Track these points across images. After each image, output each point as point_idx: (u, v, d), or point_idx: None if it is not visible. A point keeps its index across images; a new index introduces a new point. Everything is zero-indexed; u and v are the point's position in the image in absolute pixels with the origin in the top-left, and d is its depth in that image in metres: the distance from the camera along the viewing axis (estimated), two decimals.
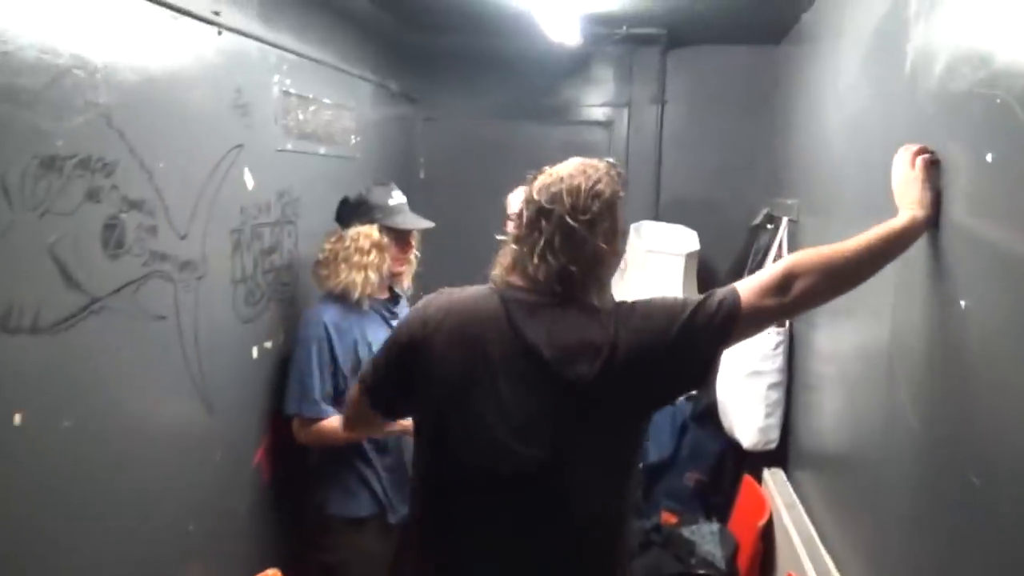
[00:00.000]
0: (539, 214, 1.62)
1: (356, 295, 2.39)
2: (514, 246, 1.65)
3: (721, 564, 2.86)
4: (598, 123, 4.01)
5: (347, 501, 2.42)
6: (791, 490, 2.83)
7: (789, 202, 3.15)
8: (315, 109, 2.77)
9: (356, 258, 2.41)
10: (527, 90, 4.04)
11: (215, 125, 2.16)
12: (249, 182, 2.34)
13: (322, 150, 2.85)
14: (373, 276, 2.41)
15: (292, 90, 2.62)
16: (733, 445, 3.21)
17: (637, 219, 3.78)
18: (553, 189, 1.60)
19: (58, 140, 1.60)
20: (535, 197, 1.65)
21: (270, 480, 2.53)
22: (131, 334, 1.84)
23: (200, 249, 2.10)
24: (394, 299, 2.55)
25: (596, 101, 4.04)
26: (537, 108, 4.06)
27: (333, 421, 2.35)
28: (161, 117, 1.92)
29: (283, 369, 2.49)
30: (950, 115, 1.66)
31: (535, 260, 1.60)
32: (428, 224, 2.50)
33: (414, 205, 2.61)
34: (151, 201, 1.88)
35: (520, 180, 1.77)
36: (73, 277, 1.65)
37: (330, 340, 2.38)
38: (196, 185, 2.08)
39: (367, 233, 2.43)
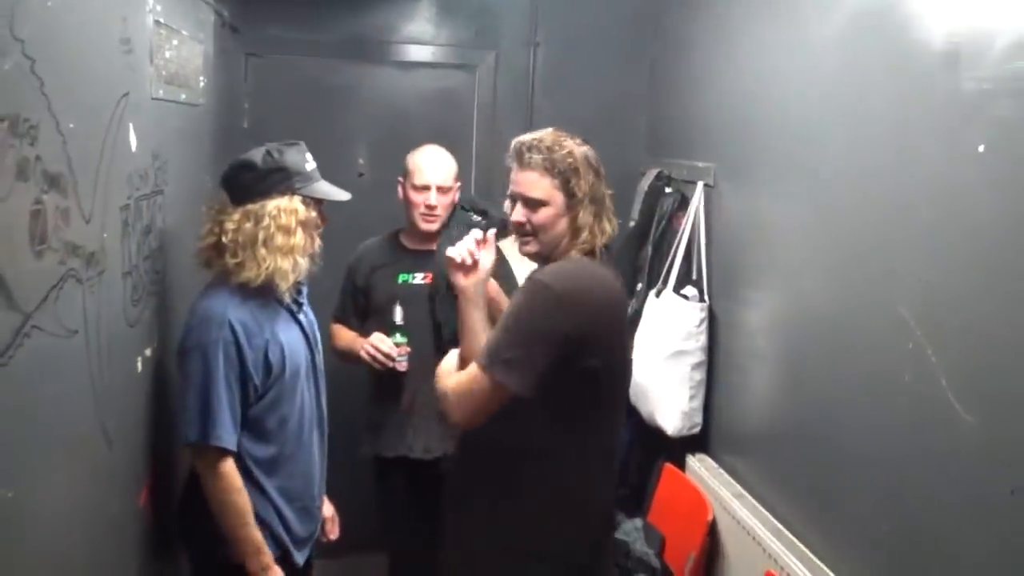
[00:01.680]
0: (598, 178, 2.11)
1: (284, 288, 2.20)
2: (580, 212, 2.12)
3: (656, 563, 2.94)
4: (460, 66, 3.88)
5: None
6: (730, 479, 2.93)
7: (700, 165, 3.22)
8: (178, 44, 2.46)
9: (280, 240, 2.18)
10: (374, 26, 3.83)
11: (105, 67, 1.85)
12: (133, 142, 2.04)
13: (183, 96, 2.55)
14: (302, 261, 2.22)
15: (162, 19, 2.30)
16: (640, 432, 3.27)
17: (508, 180, 3.61)
18: (591, 154, 2.12)
19: None
20: (593, 163, 2.13)
21: (156, 524, 2.32)
22: (54, 359, 1.56)
23: (99, 235, 1.80)
24: (297, 287, 2.37)
25: (458, 41, 3.88)
26: (386, 48, 3.85)
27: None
28: (72, 57, 1.61)
29: (167, 384, 2.28)
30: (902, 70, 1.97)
31: (605, 224, 2.16)
32: (345, 194, 2.35)
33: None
34: (65, 176, 1.58)
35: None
36: (8, 288, 1.34)
37: (238, 345, 2.17)
38: (95, 149, 1.78)
39: (290, 208, 2.21)
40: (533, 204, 2.09)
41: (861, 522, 2.17)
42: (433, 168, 3.00)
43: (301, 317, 2.33)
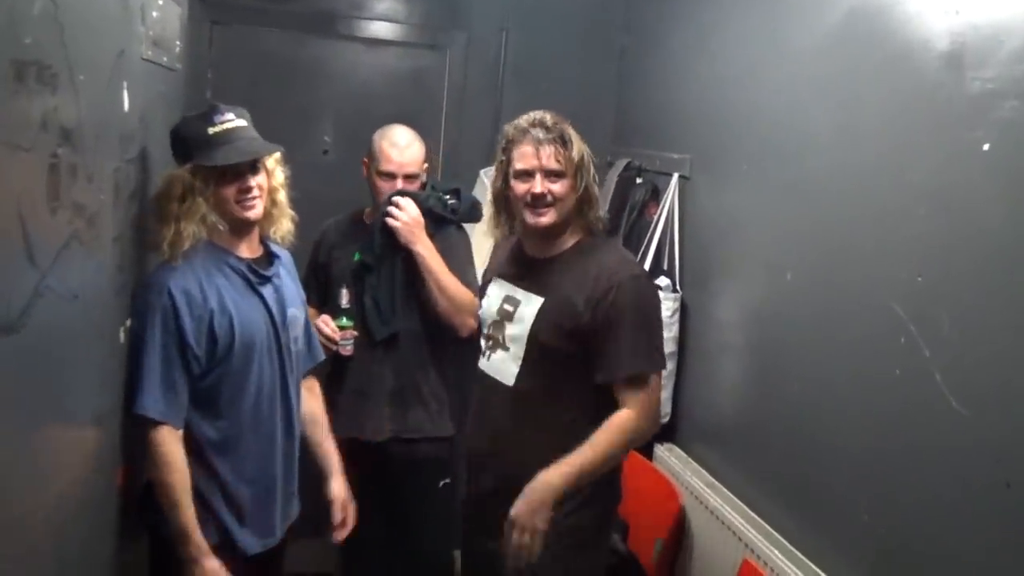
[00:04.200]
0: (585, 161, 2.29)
1: (165, 251, 2.18)
2: (587, 182, 2.34)
3: (623, 548, 2.97)
4: (430, 47, 3.84)
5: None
6: (700, 468, 2.94)
7: (675, 157, 3.23)
8: (163, 5, 2.38)
9: (167, 208, 2.18)
10: (343, 1, 3.81)
11: (107, 23, 1.80)
12: (125, 102, 1.97)
13: (165, 59, 2.49)
14: (192, 228, 2.18)
15: None
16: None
17: (476, 163, 3.74)
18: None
19: (26, 37, 1.22)
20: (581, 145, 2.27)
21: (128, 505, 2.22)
22: (61, 324, 1.51)
23: (98, 196, 1.74)
24: (268, 257, 2.34)
25: (429, 21, 3.85)
26: (355, 24, 3.79)
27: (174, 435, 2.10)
28: (84, 7, 1.57)
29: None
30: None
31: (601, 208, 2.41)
32: (254, 153, 2.27)
33: None
34: (76, 131, 1.52)
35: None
36: (30, 243, 1.29)
37: (177, 313, 2.12)
38: (98, 106, 1.71)
39: (178, 176, 2.20)
40: (554, 176, 2.23)
41: (846, 515, 2.19)
42: (400, 155, 2.91)
43: (264, 289, 2.27)
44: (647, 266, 3.14)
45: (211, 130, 2.18)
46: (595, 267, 2.23)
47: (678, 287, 3.12)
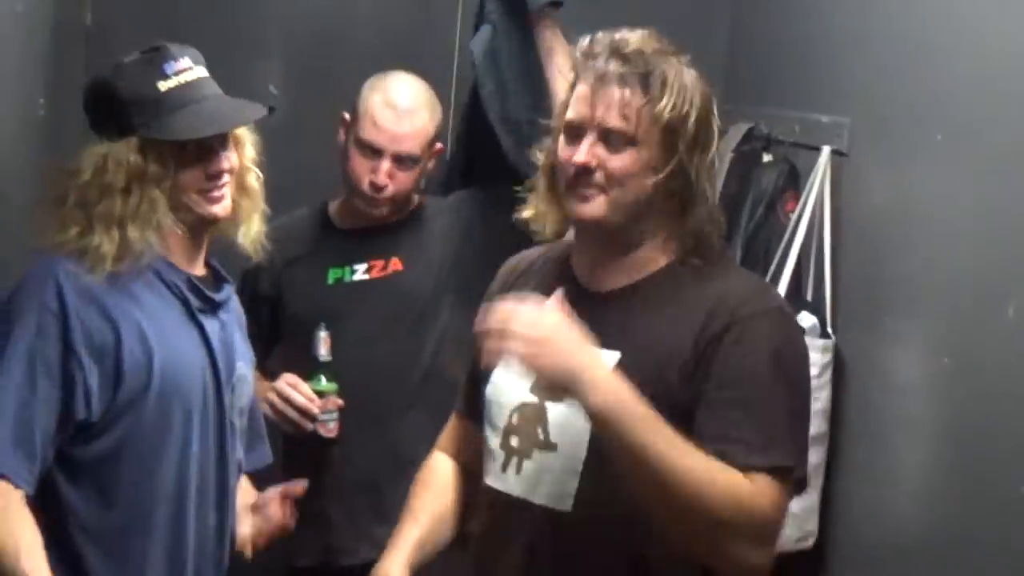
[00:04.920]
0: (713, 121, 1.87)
1: (103, 270, 1.85)
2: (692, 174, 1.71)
3: None
4: None
5: None
6: None
7: (825, 120, 2.79)
8: None
9: (101, 204, 1.85)
10: None
11: None
12: None
13: None
14: (145, 234, 1.85)
15: None
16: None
17: None
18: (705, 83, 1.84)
19: None
20: (709, 97, 1.81)
21: None
22: None
23: None
24: (216, 277, 2.08)
25: None
26: None
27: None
28: None
29: None
30: None
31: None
32: (246, 117, 2.00)
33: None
34: None
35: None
36: None
37: (64, 317, 1.80)
38: None
39: (117, 156, 1.87)
40: (613, 139, 1.73)
41: None
42: (397, 121, 2.48)
43: (208, 321, 2.00)
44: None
45: (163, 84, 1.91)
46: (705, 297, 1.78)
47: (829, 329, 2.66)
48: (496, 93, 2.67)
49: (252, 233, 2.11)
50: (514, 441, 1.93)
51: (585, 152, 1.77)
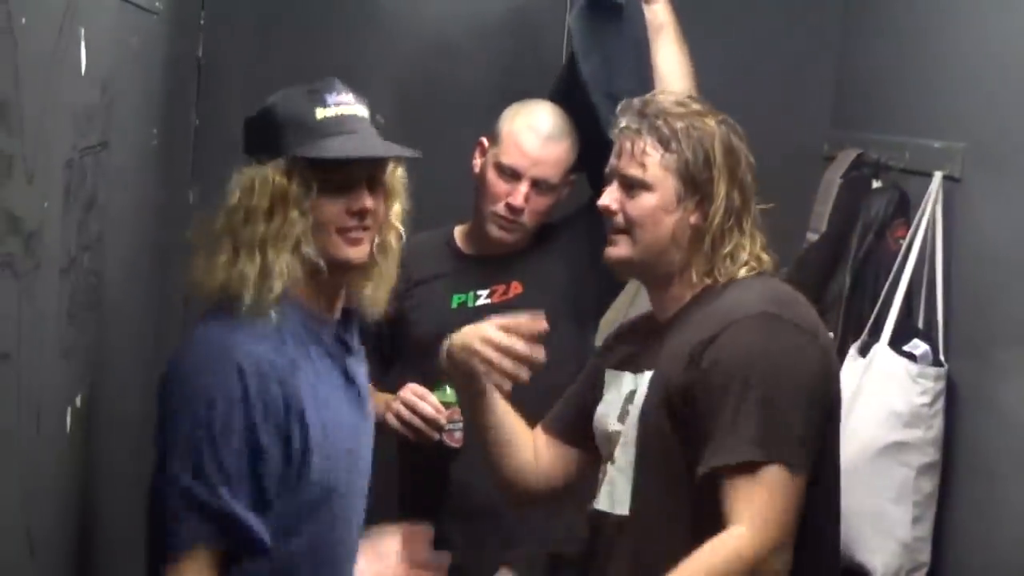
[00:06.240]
0: (739, 168, 1.94)
1: (248, 302, 1.73)
2: (710, 216, 1.87)
3: None
4: None
5: None
6: None
7: (937, 146, 2.76)
8: None
9: (245, 231, 1.77)
10: None
11: None
12: (83, 60, 1.72)
13: None
14: (285, 260, 1.75)
15: None
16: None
17: None
18: (734, 137, 1.94)
19: None
20: (736, 147, 1.93)
21: None
22: None
23: (41, 203, 1.51)
24: (346, 320, 1.97)
25: None
26: None
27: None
28: None
29: (101, 454, 1.98)
30: None
31: (747, 242, 1.94)
32: (394, 151, 1.89)
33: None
34: (12, 101, 1.29)
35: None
36: None
37: (246, 400, 1.66)
38: (44, 63, 1.47)
39: (264, 177, 1.78)
40: (631, 185, 1.97)
41: None
42: (540, 146, 2.47)
43: (353, 369, 1.89)
44: (891, 320, 2.67)
45: (320, 112, 1.85)
46: (711, 312, 1.94)
47: (941, 357, 2.62)
48: (603, 68, 2.61)
49: (378, 295, 1.98)
50: (604, 463, 2.12)
51: (609, 197, 2.02)
